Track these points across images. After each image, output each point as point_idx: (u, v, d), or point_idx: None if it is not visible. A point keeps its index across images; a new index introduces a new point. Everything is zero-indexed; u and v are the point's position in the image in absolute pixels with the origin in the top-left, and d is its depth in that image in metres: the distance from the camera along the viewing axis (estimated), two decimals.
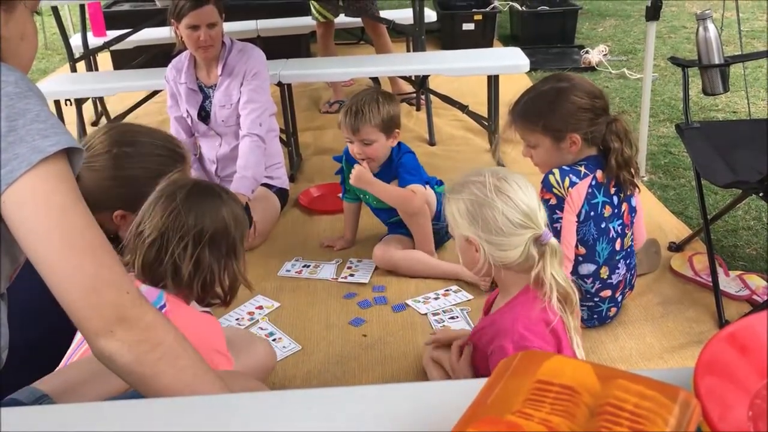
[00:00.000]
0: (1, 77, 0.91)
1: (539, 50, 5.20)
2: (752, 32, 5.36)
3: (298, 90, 4.00)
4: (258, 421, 0.69)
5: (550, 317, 1.45)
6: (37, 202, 0.89)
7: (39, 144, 0.89)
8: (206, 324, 1.46)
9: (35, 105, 0.92)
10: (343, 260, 2.62)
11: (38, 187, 0.89)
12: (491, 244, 1.46)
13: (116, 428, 0.70)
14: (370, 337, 2.17)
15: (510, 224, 1.43)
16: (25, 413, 0.76)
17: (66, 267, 0.89)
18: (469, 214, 1.47)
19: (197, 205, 1.41)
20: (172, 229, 1.38)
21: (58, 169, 0.91)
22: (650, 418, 0.51)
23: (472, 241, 1.49)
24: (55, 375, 1.26)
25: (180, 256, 1.37)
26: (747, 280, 2.27)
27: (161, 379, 0.93)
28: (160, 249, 1.38)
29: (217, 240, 1.42)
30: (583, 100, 1.95)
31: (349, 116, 2.41)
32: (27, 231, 0.89)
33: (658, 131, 3.68)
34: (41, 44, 6.74)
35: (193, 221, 1.39)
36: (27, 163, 0.88)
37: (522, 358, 0.61)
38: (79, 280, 0.89)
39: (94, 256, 0.91)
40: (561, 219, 1.94)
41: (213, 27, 2.76)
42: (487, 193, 1.44)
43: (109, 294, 0.90)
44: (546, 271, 1.43)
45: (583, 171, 1.95)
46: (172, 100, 2.97)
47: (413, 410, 0.67)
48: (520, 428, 0.50)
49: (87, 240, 0.91)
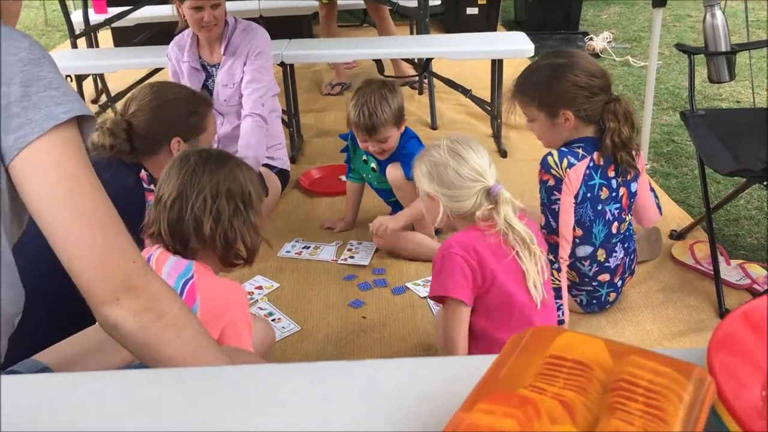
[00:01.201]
0: (15, 42, 0.90)
1: (543, 36, 5.17)
2: (757, 22, 5.33)
3: (300, 71, 3.98)
4: (259, 392, 0.69)
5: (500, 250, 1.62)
6: (49, 168, 0.89)
7: (52, 110, 0.89)
8: (233, 291, 1.51)
9: (48, 72, 0.92)
10: (343, 242, 2.62)
11: (50, 152, 0.89)
12: (447, 196, 1.66)
13: (116, 397, 0.69)
14: (369, 319, 2.17)
15: (460, 178, 1.64)
16: (22, 381, 0.75)
17: (75, 234, 0.89)
18: (428, 173, 1.69)
19: (211, 164, 1.49)
20: (189, 186, 1.45)
21: (70, 136, 0.91)
22: (665, 394, 0.50)
23: (432, 196, 1.69)
24: (57, 347, 1.26)
25: (200, 210, 1.43)
26: (748, 269, 2.27)
27: (165, 349, 0.93)
28: (180, 207, 1.44)
29: (234, 193, 1.48)
30: (578, 77, 1.94)
31: (363, 119, 2.37)
32: (37, 197, 0.89)
33: (662, 119, 3.66)
34: (41, 21, 6.69)
35: (208, 177, 1.46)
36: (40, 129, 0.88)
37: (533, 334, 0.60)
38: (88, 248, 0.89)
39: (103, 224, 0.91)
40: (559, 200, 1.94)
41: (217, 7, 2.73)
42: (442, 153, 1.67)
43: (117, 262, 0.91)
44: (500, 216, 1.61)
45: (581, 153, 1.96)
46: (174, 78, 2.94)
47: (422, 385, 0.67)
48: (533, 402, 0.50)
49: (97, 208, 0.91)
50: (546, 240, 1.96)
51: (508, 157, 3.31)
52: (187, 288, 1.43)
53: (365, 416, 0.64)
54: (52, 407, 0.68)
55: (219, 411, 0.66)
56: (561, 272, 1.95)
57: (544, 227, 1.97)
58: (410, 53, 3.64)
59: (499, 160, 3.30)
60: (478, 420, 0.50)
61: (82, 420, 0.66)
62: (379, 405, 0.65)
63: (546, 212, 1.97)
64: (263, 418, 0.65)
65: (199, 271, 1.45)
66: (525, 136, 3.43)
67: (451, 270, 1.61)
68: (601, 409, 0.51)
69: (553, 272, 1.94)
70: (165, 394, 0.70)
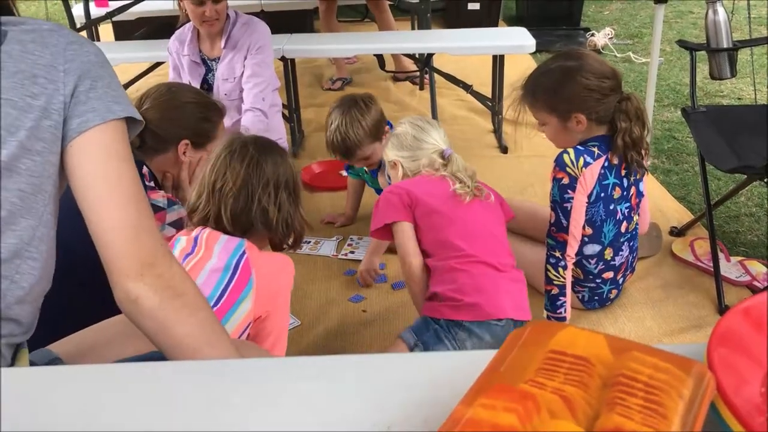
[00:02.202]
0: (87, 46, 1.05)
1: (544, 32, 5.15)
2: (759, 19, 5.32)
3: (300, 66, 3.98)
4: (259, 386, 0.69)
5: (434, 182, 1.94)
6: (101, 150, 1.00)
7: (111, 106, 1.02)
8: (283, 264, 1.60)
9: (109, 75, 1.05)
10: (343, 237, 2.62)
11: (105, 138, 1.01)
12: (406, 158, 1.99)
13: (117, 390, 0.70)
14: (369, 313, 2.17)
15: (416, 140, 1.98)
16: (31, 373, 0.76)
17: (113, 209, 0.98)
18: (392, 144, 2.03)
19: (269, 155, 1.58)
20: (254, 177, 1.54)
21: (121, 130, 1.03)
22: (665, 390, 0.50)
23: (395, 162, 2.02)
24: (71, 338, 1.26)
25: (267, 200, 1.54)
26: (748, 265, 2.27)
27: (182, 327, 0.97)
28: (247, 198, 1.53)
29: (288, 182, 1.59)
30: (589, 80, 1.92)
31: (338, 144, 2.38)
32: (86, 173, 0.99)
33: (663, 116, 3.66)
34: (42, 15, 6.68)
35: (271, 169, 1.56)
36: (100, 118, 1.00)
37: (533, 328, 0.60)
38: (123, 222, 0.98)
39: (139, 204, 1.01)
40: (572, 199, 1.92)
41: (218, 2, 2.73)
42: (405, 127, 2.02)
43: (147, 240, 0.99)
44: (451, 169, 1.95)
45: (596, 152, 1.93)
46: (174, 72, 2.94)
47: (423, 379, 0.67)
48: (533, 397, 0.50)
49: (135, 190, 1.01)
50: (554, 237, 1.96)
51: (508, 152, 3.31)
52: (242, 263, 1.49)
53: (365, 410, 0.64)
54: (53, 400, 0.68)
55: (221, 404, 0.66)
56: (566, 270, 1.95)
57: (554, 224, 1.96)
58: (411, 48, 3.64)
59: (500, 155, 3.30)
60: (479, 414, 0.50)
61: (84, 413, 0.66)
62: (378, 399, 0.66)
63: (557, 210, 1.94)
64: (264, 411, 0.65)
65: (250, 247, 1.52)
66: (525, 132, 3.42)
67: (383, 205, 1.91)
68: (601, 404, 0.51)
69: (559, 270, 1.94)
70: (168, 387, 0.70)
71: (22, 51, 0.98)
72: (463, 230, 1.86)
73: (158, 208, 1.81)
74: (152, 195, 1.83)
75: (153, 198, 1.82)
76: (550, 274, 1.95)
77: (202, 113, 2.06)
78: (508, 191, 2.73)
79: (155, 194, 1.85)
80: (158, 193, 1.87)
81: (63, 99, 0.99)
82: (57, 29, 1.04)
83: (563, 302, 1.95)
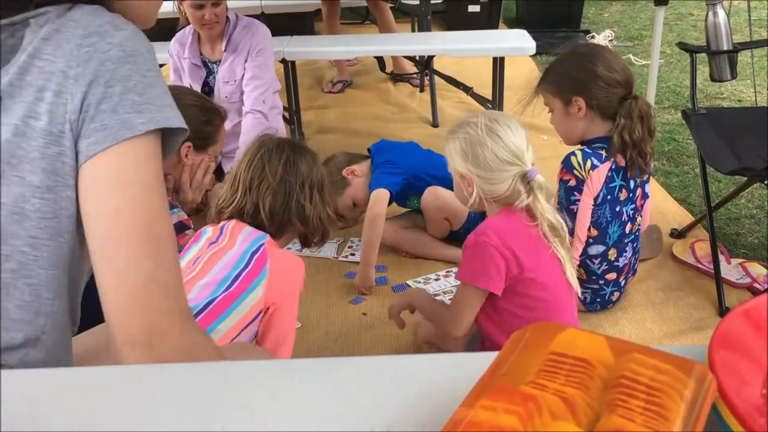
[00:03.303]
0: (108, 39, 0.80)
1: (544, 34, 5.15)
2: (759, 21, 5.32)
3: (301, 68, 3.98)
4: (260, 388, 0.69)
5: (538, 241, 1.59)
6: (113, 182, 0.79)
7: (130, 119, 0.79)
8: (296, 263, 1.64)
9: (137, 71, 0.81)
10: (344, 239, 2.62)
11: (121, 165, 0.79)
12: (481, 178, 1.59)
13: (117, 392, 0.69)
14: (370, 316, 2.17)
15: (498, 160, 1.57)
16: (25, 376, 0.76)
17: (121, 256, 0.78)
18: (462, 151, 1.61)
19: (304, 155, 1.66)
20: (292, 176, 1.61)
21: (146, 147, 0.80)
22: (666, 392, 0.50)
23: (465, 176, 1.63)
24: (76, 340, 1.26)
25: (304, 199, 1.62)
26: (748, 268, 2.27)
27: None
28: (285, 194, 1.61)
29: (320, 182, 1.67)
30: (595, 66, 1.94)
31: None
32: (92, 208, 0.79)
33: (663, 118, 3.66)
34: None
35: (307, 170, 1.63)
36: (113, 138, 0.78)
37: (534, 330, 0.60)
38: (132, 274, 0.78)
39: (157, 251, 0.79)
40: (578, 201, 1.92)
41: (217, 5, 2.74)
42: (479, 132, 1.58)
43: (159, 298, 0.79)
44: (535, 203, 1.57)
45: (603, 154, 1.94)
46: (175, 75, 2.94)
47: (423, 381, 0.67)
48: (534, 398, 0.50)
49: (155, 231, 0.80)
50: None
51: None
52: (260, 252, 1.54)
53: (365, 413, 0.64)
54: (52, 402, 0.68)
55: (221, 407, 0.66)
56: None
57: None
58: (412, 51, 3.64)
59: None
60: (480, 416, 0.50)
61: (84, 416, 0.66)
62: (379, 401, 0.66)
63: (562, 212, 1.95)
64: (263, 414, 0.65)
65: (269, 242, 1.58)
66: (527, 134, 3.43)
67: (482, 260, 1.56)
68: (602, 406, 0.51)
69: None
70: (168, 390, 0.70)
71: (30, 57, 0.78)
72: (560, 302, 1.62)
73: None
74: None
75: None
76: None
77: (204, 116, 2.08)
78: None
79: None
80: None
81: (68, 117, 0.78)
82: (79, 17, 0.81)
83: None
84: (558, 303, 1.62)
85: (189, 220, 1.91)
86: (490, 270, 1.56)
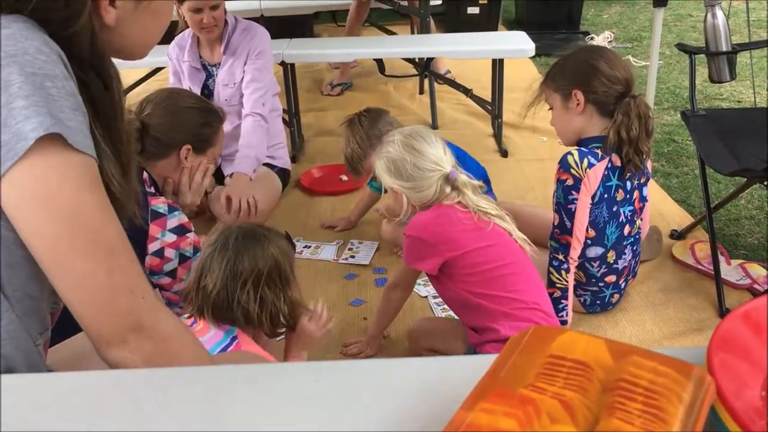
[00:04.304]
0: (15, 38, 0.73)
1: (544, 35, 5.16)
2: (758, 22, 5.33)
3: (300, 71, 3.98)
4: (260, 392, 0.69)
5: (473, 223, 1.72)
6: (36, 200, 0.73)
7: (20, 128, 0.71)
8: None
9: (19, 72, 0.71)
10: (344, 241, 2.62)
11: (35, 182, 0.73)
12: (408, 188, 1.74)
13: (113, 397, 0.70)
14: (370, 320, 2.17)
15: (419, 170, 1.72)
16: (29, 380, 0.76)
17: (76, 273, 0.77)
18: (387, 169, 1.77)
19: (247, 249, 1.51)
20: (231, 278, 1.48)
21: (55, 154, 0.72)
22: (664, 394, 0.50)
23: (396, 191, 1.77)
24: (60, 347, 1.25)
25: (246, 300, 1.48)
26: (748, 269, 2.27)
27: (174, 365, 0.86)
28: (226, 297, 1.48)
29: (273, 276, 1.52)
30: (597, 61, 1.95)
31: (346, 164, 2.50)
32: (29, 233, 0.76)
33: (662, 119, 3.66)
34: None
35: (249, 266, 1.49)
36: (13, 154, 0.70)
37: (533, 333, 0.60)
38: (91, 288, 0.78)
39: (108, 259, 0.78)
40: (576, 200, 1.92)
41: (215, 9, 2.73)
42: (397, 148, 1.75)
43: (124, 301, 0.80)
44: (464, 198, 1.72)
45: (600, 153, 1.94)
46: (174, 78, 2.94)
47: (423, 384, 0.67)
48: (533, 401, 0.50)
49: (101, 240, 0.78)
50: (557, 239, 1.96)
51: (508, 156, 3.31)
52: (234, 344, 1.47)
53: (365, 416, 0.64)
54: (49, 408, 0.68)
55: (221, 411, 0.66)
56: (569, 273, 1.94)
57: (557, 227, 1.96)
58: (411, 53, 3.64)
59: (500, 159, 3.30)
60: (479, 419, 0.50)
61: (81, 421, 0.66)
62: (379, 404, 0.66)
63: (561, 211, 1.95)
64: (264, 418, 0.65)
65: (240, 334, 1.50)
66: (526, 135, 3.44)
67: (417, 248, 1.74)
68: (601, 409, 0.51)
69: (562, 273, 1.93)
70: (165, 395, 0.70)
71: None
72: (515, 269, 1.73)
73: (159, 215, 1.82)
74: (153, 201, 1.83)
75: (154, 204, 1.83)
76: (552, 277, 1.95)
77: (203, 118, 2.07)
78: (508, 195, 2.73)
79: (156, 200, 1.85)
80: (159, 199, 1.88)
81: None
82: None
83: (565, 305, 1.95)
84: (516, 262, 1.74)
85: (190, 222, 1.90)
86: (424, 255, 1.73)
